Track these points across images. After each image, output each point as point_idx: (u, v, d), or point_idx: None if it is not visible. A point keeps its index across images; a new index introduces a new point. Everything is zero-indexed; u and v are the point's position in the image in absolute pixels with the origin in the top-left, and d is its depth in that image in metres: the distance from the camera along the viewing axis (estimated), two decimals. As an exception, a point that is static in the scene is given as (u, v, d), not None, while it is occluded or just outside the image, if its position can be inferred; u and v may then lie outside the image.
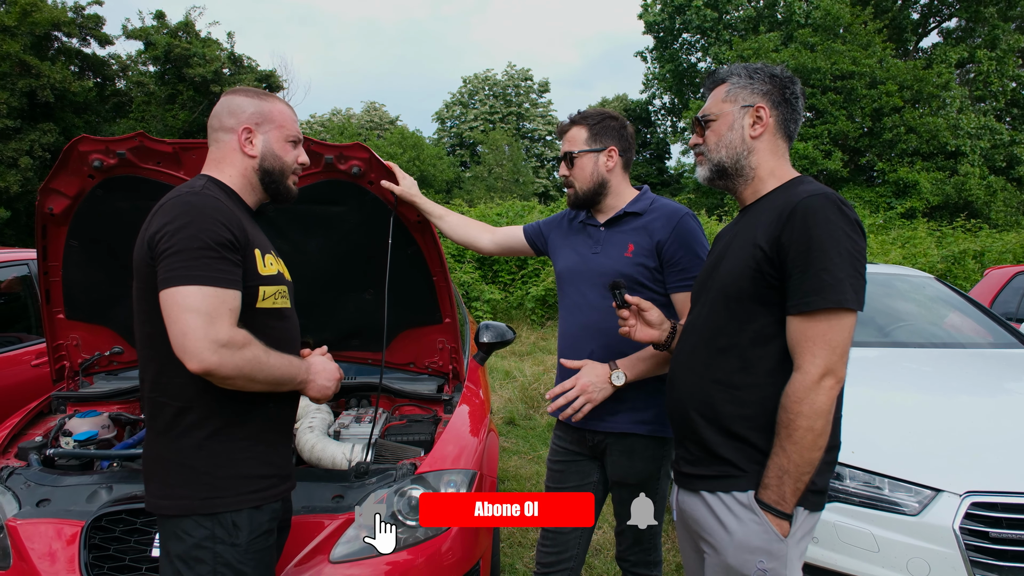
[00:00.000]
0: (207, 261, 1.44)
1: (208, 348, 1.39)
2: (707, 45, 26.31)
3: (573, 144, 2.14)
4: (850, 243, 1.40)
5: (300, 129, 1.81)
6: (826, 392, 1.39)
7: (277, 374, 1.54)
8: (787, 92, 1.62)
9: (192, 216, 1.47)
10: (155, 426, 1.55)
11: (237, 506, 1.53)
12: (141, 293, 1.53)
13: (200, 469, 1.52)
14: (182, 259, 1.43)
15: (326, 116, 37.13)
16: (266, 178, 1.71)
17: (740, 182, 1.65)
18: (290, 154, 1.75)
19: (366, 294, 2.74)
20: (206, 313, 1.40)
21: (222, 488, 1.53)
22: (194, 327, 1.39)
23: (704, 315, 1.63)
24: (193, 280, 1.41)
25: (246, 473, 1.57)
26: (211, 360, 1.39)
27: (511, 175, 30.63)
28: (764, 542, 1.46)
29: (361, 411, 2.85)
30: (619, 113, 2.20)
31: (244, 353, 1.45)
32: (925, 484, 2.35)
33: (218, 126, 1.69)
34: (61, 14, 20.32)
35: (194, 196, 1.52)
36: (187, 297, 1.40)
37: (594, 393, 1.97)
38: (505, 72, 38.71)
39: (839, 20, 21.18)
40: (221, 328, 1.41)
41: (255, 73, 25.03)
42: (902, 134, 19.76)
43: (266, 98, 1.72)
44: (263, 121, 1.69)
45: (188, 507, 1.51)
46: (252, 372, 1.47)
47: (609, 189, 2.14)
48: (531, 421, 5.89)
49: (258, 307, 1.59)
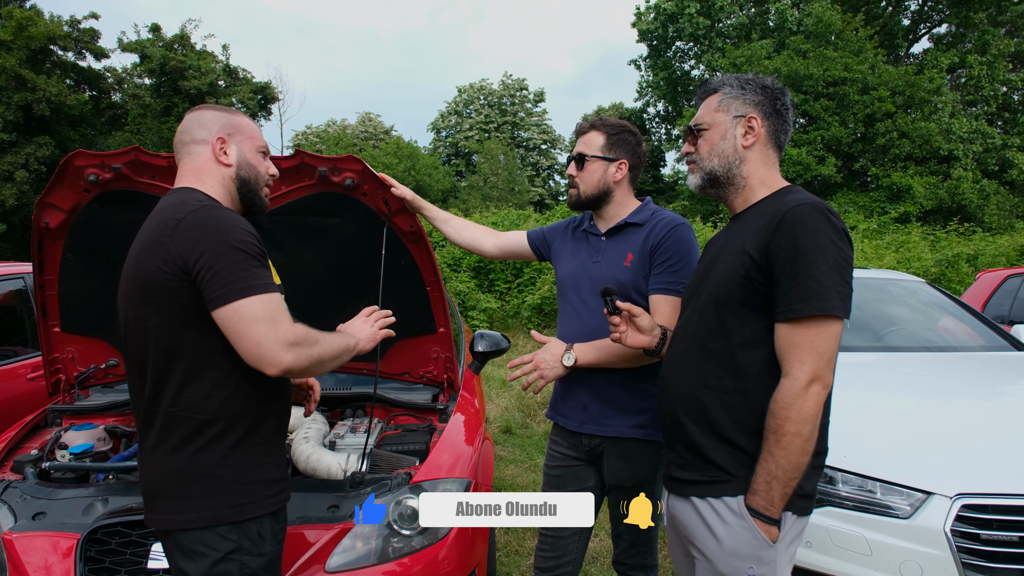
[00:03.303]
0: (254, 270, 1.48)
1: (282, 350, 1.44)
2: (700, 53, 26.47)
3: (588, 147, 2.17)
4: (837, 251, 1.43)
5: (267, 142, 1.83)
6: (813, 398, 1.41)
7: (337, 348, 1.62)
8: (778, 103, 1.65)
9: (225, 230, 1.48)
10: (169, 441, 1.53)
11: (264, 510, 1.56)
12: (159, 310, 1.50)
13: (228, 478, 1.53)
14: (234, 273, 1.45)
15: (321, 127, 37.23)
16: (243, 188, 1.72)
17: (731, 191, 1.68)
18: (262, 164, 1.76)
19: (361, 305, 2.74)
20: (271, 319, 1.45)
21: (250, 494, 1.55)
22: (265, 334, 1.44)
23: (694, 320, 1.65)
24: (251, 291, 1.45)
25: (267, 478, 1.60)
26: (287, 360, 1.45)
27: (507, 184, 30.71)
28: (753, 548, 1.48)
29: (356, 421, 2.86)
30: (637, 129, 2.23)
31: (308, 341, 1.51)
32: (916, 487, 2.36)
33: (189, 139, 1.68)
34: (57, 28, 20.40)
35: (212, 211, 1.52)
36: (252, 308, 1.44)
37: (546, 370, 2.05)
38: (501, 82, 38.91)
39: (831, 27, 21.31)
40: (285, 328, 1.47)
41: (250, 85, 25.12)
42: (895, 139, 19.86)
43: (232, 112, 1.74)
44: (235, 131, 1.70)
45: (217, 517, 1.51)
46: (321, 356, 1.54)
47: (612, 199, 2.17)
48: (528, 430, 5.89)
49: None
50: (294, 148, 2.32)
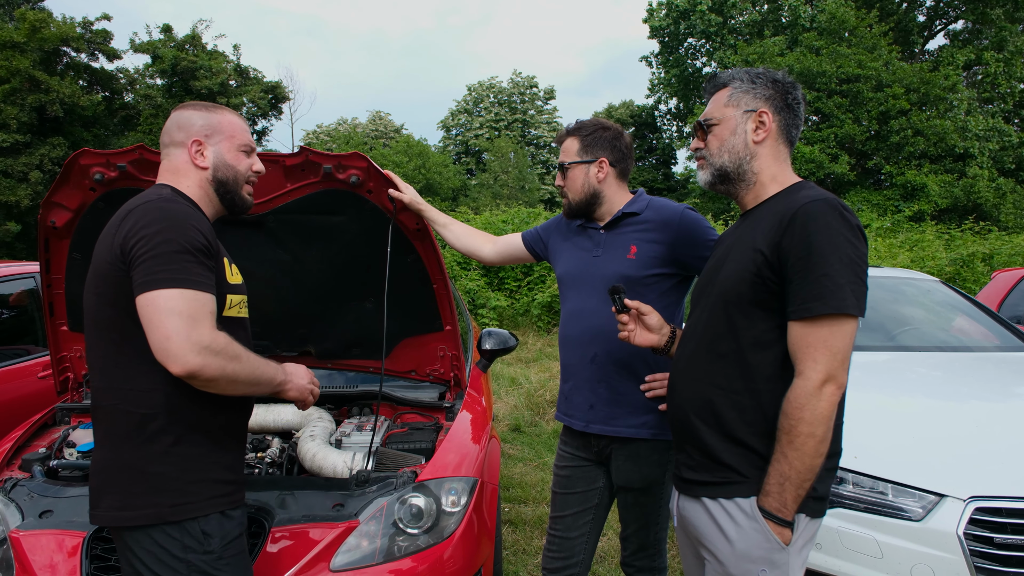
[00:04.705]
0: (186, 265, 1.44)
1: (192, 350, 1.39)
2: (712, 50, 26.35)
3: (566, 155, 2.17)
4: (851, 248, 1.39)
5: (252, 138, 1.81)
6: (827, 398, 1.38)
7: (258, 374, 1.55)
8: (789, 97, 1.62)
9: (169, 221, 1.47)
10: (113, 435, 1.52)
11: (206, 510, 1.52)
12: (105, 299, 1.52)
13: (169, 475, 1.50)
14: (161, 262, 1.42)
15: (332, 126, 37.35)
16: (220, 188, 1.71)
17: (742, 187, 1.65)
18: (243, 163, 1.75)
19: (367, 303, 2.74)
20: (189, 316, 1.40)
21: (192, 493, 1.51)
22: (177, 330, 1.39)
23: (704, 320, 1.62)
24: (174, 283, 1.41)
25: (214, 478, 1.56)
26: (195, 362, 1.39)
27: (516, 182, 30.69)
28: (765, 551, 1.45)
29: (362, 419, 2.85)
30: (615, 124, 2.20)
31: (226, 353, 1.45)
32: (929, 489, 2.33)
33: (168, 141, 1.70)
34: (70, 30, 20.60)
35: (167, 203, 1.53)
36: (169, 300, 1.40)
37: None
38: (510, 80, 38.87)
39: (844, 23, 21.14)
40: (204, 331, 1.42)
41: (261, 84, 25.26)
42: (909, 137, 19.68)
43: (215, 110, 1.72)
44: (212, 133, 1.70)
45: (157, 515, 1.48)
46: (235, 373, 1.47)
47: (603, 199, 2.14)
48: (537, 428, 5.88)
49: (224, 315, 1.59)
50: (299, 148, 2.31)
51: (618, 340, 1.92)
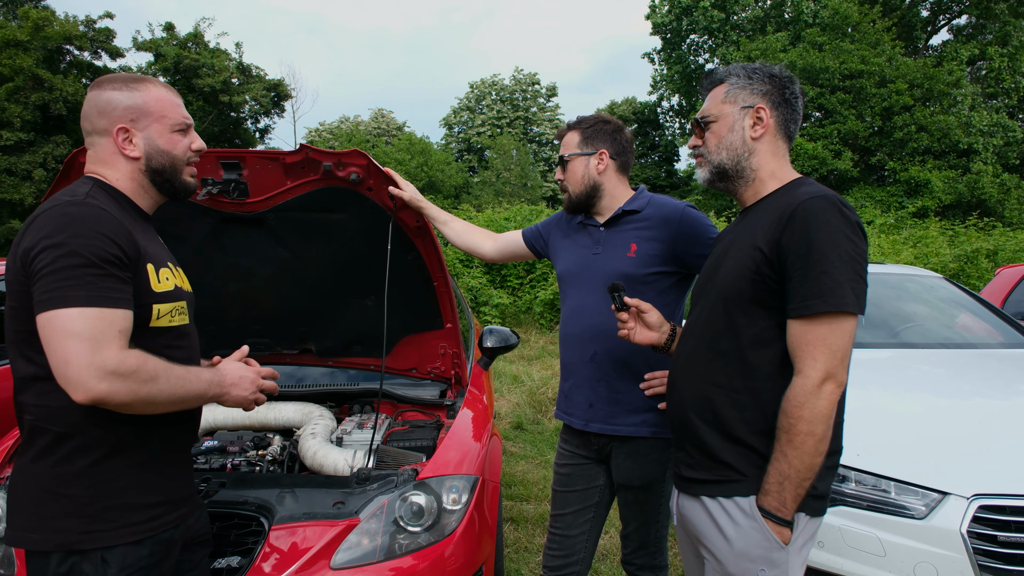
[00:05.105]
0: (90, 279, 1.29)
1: (95, 376, 1.26)
2: (715, 46, 26.28)
3: (566, 148, 2.16)
4: (851, 246, 1.38)
5: (186, 112, 1.61)
6: (827, 397, 1.37)
7: (181, 392, 1.40)
8: (787, 92, 1.61)
9: (72, 229, 1.31)
10: (29, 451, 1.40)
11: (114, 541, 1.39)
12: (15, 312, 1.38)
13: (80, 499, 1.37)
14: (61, 278, 1.28)
15: (334, 124, 37.36)
16: (157, 178, 1.54)
17: (741, 184, 1.64)
18: (179, 145, 1.56)
19: (367, 300, 2.74)
20: (90, 338, 1.26)
21: (102, 520, 1.38)
22: (77, 354, 1.25)
23: (703, 318, 1.62)
24: (74, 301, 1.27)
25: (130, 503, 1.43)
26: (99, 389, 1.26)
27: (519, 179, 30.66)
28: (765, 550, 1.45)
29: (364, 417, 2.85)
30: (615, 118, 2.19)
31: (138, 376, 1.31)
32: (932, 487, 2.32)
33: (90, 129, 1.50)
34: (73, 28, 20.64)
35: (74, 207, 1.36)
36: (68, 321, 1.26)
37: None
38: (512, 77, 38.82)
39: (847, 19, 21.06)
40: (108, 354, 1.28)
41: (263, 82, 25.25)
42: (913, 133, 19.61)
43: (138, 86, 1.51)
44: (139, 116, 1.50)
45: (62, 542, 1.36)
46: (151, 395, 1.34)
47: (603, 192, 2.13)
48: (539, 425, 5.87)
49: (152, 326, 1.45)
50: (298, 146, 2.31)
51: (618, 338, 1.91)
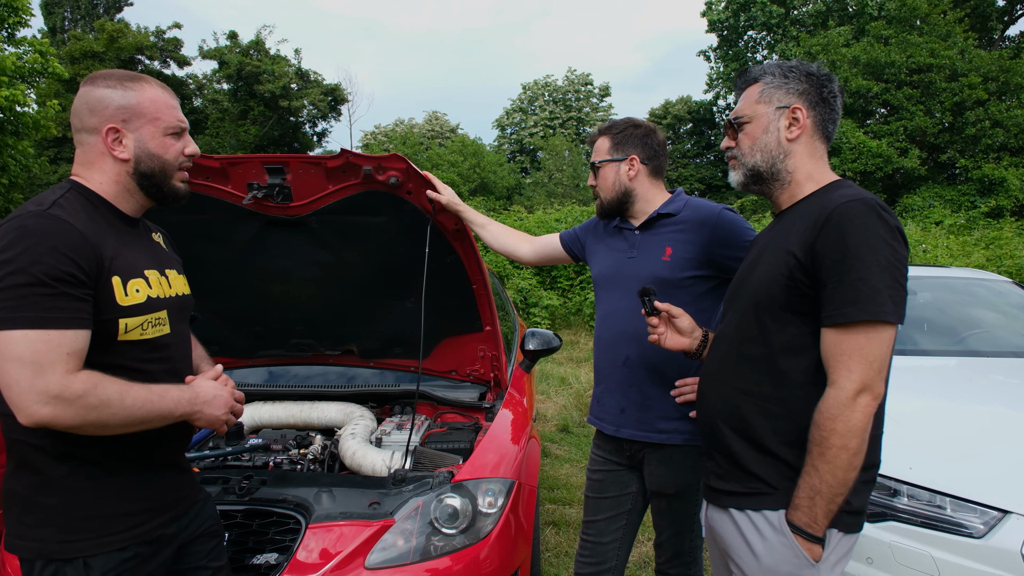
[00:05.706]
0: (37, 299, 1.24)
1: (36, 401, 1.22)
2: (773, 42, 25.56)
3: (598, 154, 2.15)
4: (889, 251, 1.32)
5: (181, 115, 1.55)
6: (862, 409, 1.31)
7: (140, 414, 1.35)
8: (824, 91, 1.55)
9: (24, 245, 1.25)
10: (12, 460, 1.40)
11: (94, 551, 1.38)
12: None
13: (56, 509, 1.36)
14: (5, 298, 1.23)
15: (389, 126, 38.01)
16: (144, 182, 1.48)
17: (776, 187, 1.59)
18: (171, 150, 1.50)
19: (407, 302, 2.78)
20: (32, 362, 1.23)
21: (78, 531, 1.37)
22: (18, 379, 1.22)
23: (735, 323, 1.57)
24: (18, 323, 1.23)
25: (109, 512, 1.41)
26: (43, 413, 1.23)
27: (571, 180, 30.50)
28: (794, 567, 1.40)
29: (403, 418, 2.89)
30: (647, 122, 2.16)
31: (87, 400, 1.27)
32: (992, 504, 2.19)
33: (80, 126, 1.44)
34: (144, 39, 21.66)
35: (33, 219, 1.29)
36: (11, 344, 1.22)
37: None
38: (565, 77, 38.69)
39: (916, 11, 20.13)
40: (52, 378, 1.23)
41: (321, 87, 25.92)
42: (987, 128, 18.59)
43: (133, 85, 1.46)
44: (131, 116, 1.44)
45: (41, 551, 1.36)
46: (101, 419, 1.29)
47: (635, 197, 2.11)
48: (585, 429, 5.83)
49: (121, 340, 1.40)
50: (340, 149, 2.36)
51: (650, 343, 1.89)
